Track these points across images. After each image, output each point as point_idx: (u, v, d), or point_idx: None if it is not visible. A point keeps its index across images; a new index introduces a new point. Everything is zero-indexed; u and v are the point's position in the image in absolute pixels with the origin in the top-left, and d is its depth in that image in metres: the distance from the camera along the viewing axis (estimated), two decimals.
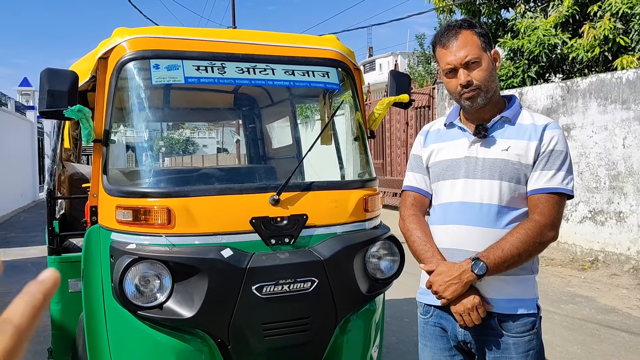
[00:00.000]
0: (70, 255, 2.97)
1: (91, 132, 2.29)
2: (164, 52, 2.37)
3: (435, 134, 2.07)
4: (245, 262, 2.13)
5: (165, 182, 2.56)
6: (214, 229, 2.18)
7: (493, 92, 1.90)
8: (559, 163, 1.85)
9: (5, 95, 17.94)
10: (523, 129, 1.89)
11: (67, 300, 2.92)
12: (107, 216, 2.26)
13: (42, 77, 2.17)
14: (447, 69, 1.89)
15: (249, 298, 2.13)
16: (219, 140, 14.09)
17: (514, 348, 1.84)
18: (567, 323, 5.05)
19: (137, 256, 2.08)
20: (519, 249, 1.77)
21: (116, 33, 2.42)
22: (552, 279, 6.77)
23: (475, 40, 1.86)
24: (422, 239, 1.95)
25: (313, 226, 2.31)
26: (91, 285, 2.33)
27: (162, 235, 2.14)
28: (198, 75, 2.37)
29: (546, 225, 1.80)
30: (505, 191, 1.85)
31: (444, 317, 1.95)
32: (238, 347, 2.19)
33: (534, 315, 1.88)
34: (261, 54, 2.52)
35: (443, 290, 1.82)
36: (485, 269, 1.76)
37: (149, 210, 2.15)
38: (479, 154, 1.90)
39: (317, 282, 2.22)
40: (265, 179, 3.25)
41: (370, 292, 2.39)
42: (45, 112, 2.18)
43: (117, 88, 2.34)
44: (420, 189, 2.07)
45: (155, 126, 3.39)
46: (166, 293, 2.10)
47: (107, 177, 2.31)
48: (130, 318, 2.16)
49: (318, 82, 2.58)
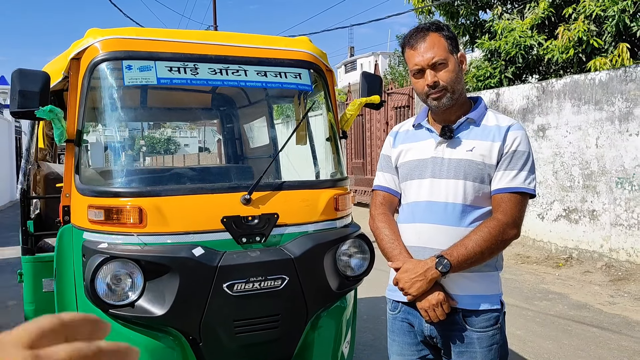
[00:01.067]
0: (44, 255, 2.97)
1: (63, 132, 2.30)
2: (136, 53, 2.39)
3: (404, 134, 2.13)
4: (217, 260, 2.17)
5: (137, 182, 2.58)
6: (185, 228, 2.21)
7: (459, 94, 1.95)
8: (522, 163, 1.90)
9: None
10: (487, 130, 1.94)
11: (42, 300, 2.92)
12: (80, 216, 2.27)
13: (14, 77, 2.18)
14: (414, 70, 1.95)
15: (220, 296, 2.17)
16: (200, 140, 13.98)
17: (477, 342, 1.89)
18: (540, 319, 5.16)
19: (108, 255, 2.10)
20: (482, 246, 1.82)
21: (89, 34, 2.43)
22: (527, 276, 6.89)
23: (442, 43, 1.92)
24: (390, 237, 2.01)
25: (284, 225, 2.35)
26: (64, 285, 2.34)
27: (134, 234, 2.16)
28: (170, 76, 2.39)
29: (508, 223, 1.86)
30: (469, 191, 1.91)
31: (411, 313, 2.00)
32: (210, 344, 2.22)
33: (498, 310, 1.93)
34: (234, 55, 2.55)
35: (409, 287, 1.87)
36: (449, 266, 1.82)
37: (120, 210, 2.17)
38: (444, 155, 1.95)
39: (288, 280, 2.26)
40: (238, 179, 3.28)
41: (341, 289, 2.43)
42: (16, 112, 2.19)
43: (90, 88, 2.36)
44: (389, 188, 2.13)
45: (129, 126, 3.40)
46: (138, 291, 2.13)
47: (80, 176, 2.32)
48: (103, 317, 2.17)
49: (290, 83, 2.62)
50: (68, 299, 2.32)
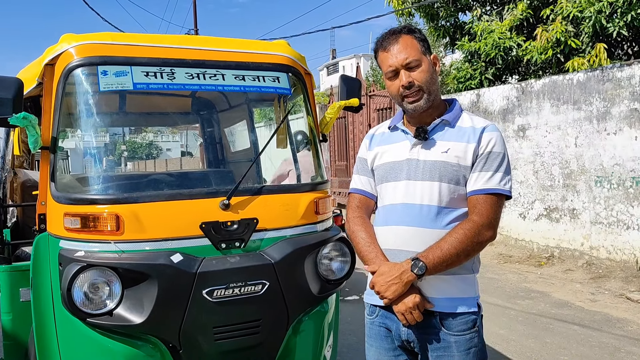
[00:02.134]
0: (21, 264, 2.92)
1: (38, 140, 2.27)
2: (112, 59, 2.36)
3: (380, 137, 2.12)
4: (195, 266, 2.15)
5: (114, 189, 2.55)
6: (163, 234, 2.19)
7: (435, 95, 1.95)
8: (497, 164, 1.90)
9: None
10: (462, 132, 1.94)
11: (19, 310, 2.86)
12: (56, 224, 2.24)
13: None
14: (389, 72, 1.94)
15: (200, 302, 2.15)
16: (182, 144, 13.89)
17: (455, 346, 1.88)
18: (523, 318, 5.20)
19: (85, 263, 2.07)
20: (457, 248, 1.81)
21: (63, 39, 2.40)
22: (509, 275, 6.95)
23: (415, 44, 1.92)
24: (366, 240, 1.99)
25: (264, 230, 2.34)
26: (40, 294, 2.30)
27: (111, 241, 2.14)
28: (147, 81, 2.37)
29: (484, 225, 1.85)
30: (444, 192, 1.90)
31: (389, 317, 1.99)
32: (190, 351, 2.20)
33: (475, 313, 1.93)
34: (211, 59, 2.54)
35: (385, 290, 1.86)
36: (424, 268, 1.80)
37: (97, 217, 2.15)
38: (420, 156, 1.95)
39: (268, 285, 2.25)
40: (217, 184, 3.26)
41: (322, 293, 2.43)
42: None
43: (65, 95, 2.32)
44: (365, 191, 2.11)
45: (105, 132, 3.36)
46: (116, 300, 2.10)
47: (55, 184, 2.29)
48: (81, 326, 2.15)
49: (269, 87, 2.61)
50: (45, 309, 2.29)
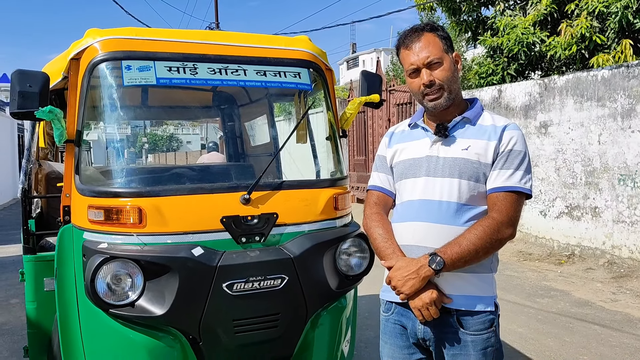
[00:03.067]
0: (46, 254, 2.98)
1: (63, 133, 2.31)
2: (136, 53, 2.39)
3: (400, 134, 2.12)
4: (216, 260, 2.17)
5: (137, 182, 2.58)
6: (185, 228, 2.21)
7: (456, 93, 1.95)
8: (517, 163, 1.89)
9: None
10: (483, 130, 1.94)
11: (43, 299, 2.93)
12: (80, 216, 2.28)
13: (13, 78, 2.19)
14: (410, 70, 1.95)
15: (220, 295, 2.17)
16: (203, 137, 13.98)
17: (472, 345, 1.87)
18: (542, 316, 5.16)
19: (108, 255, 2.11)
20: (476, 245, 1.80)
21: (88, 34, 2.43)
22: (529, 273, 6.89)
23: (437, 42, 1.92)
24: (383, 236, 2.00)
25: (283, 224, 2.36)
26: (64, 284, 2.35)
27: (134, 234, 2.17)
28: (170, 76, 2.40)
29: (503, 222, 1.84)
30: (464, 189, 1.89)
31: (405, 315, 1.99)
32: (209, 343, 2.22)
33: (492, 313, 1.92)
34: (233, 55, 2.55)
35: (401, 285, 1.85)
36: (442, 264, 1.80)
37: (120, 210, 2.18)
38: (439, 153, 1.94)
39: (287, 279, 2.27)
40: (238, 178, 3.28)
41: (340, 288, 2.44)
42: (16, 113, 2.20)
43: (89, 89, 2.36)
44: (383, 188, 2.12)
45: (128, 126, 3.40)
46: (138, 291, 2.13)
47: (80, 177, 2.33)
48: (103, 316, 2.18)
49: (289, 82, 2.62)
50: (69, 299, 2.33)
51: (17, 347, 4.67)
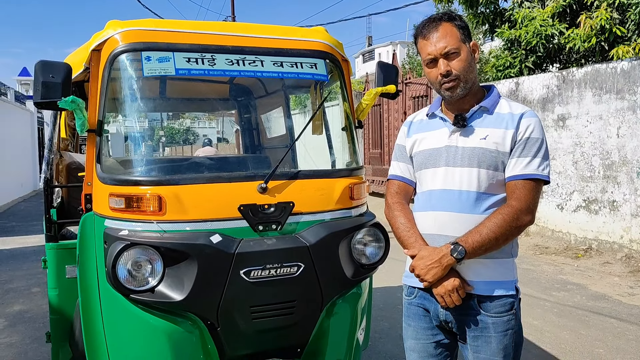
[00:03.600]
0: (67, 242, 3.04)
1: (85, 123, 2.36)
2: (155, 44, 2.43)
3: (418, 124, 2.15)
4: (234, 247, 2.21)
5: (157, 171, 2.63)
6: (203, 215, 2.25)
7: (472, 83, 1.97)
8: (535, 150, 1.91)
9: (4, 85, 17.97)
10: (501, 118, 1.96)
11: (65, 286, 3.00)
12: (101, 204, 2.33)
13: (36, 69, 2.24)
14: (427, 59, 1.98)
15: (237, 282, 2.21)
16: (219, 130, 14.08)
17: (492, 327, 1.92)
18: (558, 310, 5.14)
19: (129, 242, 2.15)
20: (496, 233, 1.85)
21: (109, 25, 2.47)
22: (545, 267, 6.86)
23: (455, 32, 1.94)
24: (405, 225, 2.05)
25: (299, 213, 2.39)
26: (86, 271, 2.41)
27: (154, 221, 2.21)
28: (189, 67, 2.43)
29: (522, 210, 1.88)
30: (483, 178, 1.93)
31: (427, 298, 2.04)
32: (227, 329, 2.27)
33: (513, 296, 1.96)
34: (251, 46, 2.58)
35: (425, 273, 1.91)
36: (464, 252, 1.85)
37: (140, 198, 2.22)
38: (458, 143, 1.98)
39: (303, 267, 2.30)
40: (255, 168, 3.32)
41: (356, 276, 2.46)
42: (39, 103, 2.25)
43: (110, 79, 2.40)
44: (404, 177, 2.16)
45: (148, 116, 3.45)
46: (157, 277, 2.18)
47: (101, 166, 2.38)
48: (124, 302, 2.24)
49: (306, 73, 2.65)
50: (90, 285, 2.39)
51: (38, 334, 4.77)
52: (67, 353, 3.11)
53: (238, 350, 2.34)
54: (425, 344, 2.08)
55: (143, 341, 2.27)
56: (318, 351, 2.49)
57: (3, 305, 5.67)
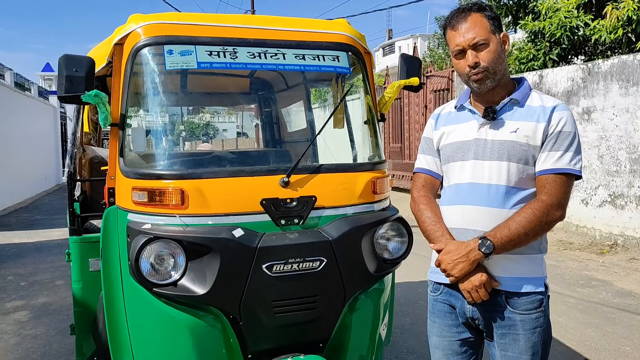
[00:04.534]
0: (91, 236, 3.07)
1: (108, 117, 2.36)
2: (177, 38, 2.42)
3: (446, 116, 2.12)
4: (256, 241, 2.20)
5: (179, 165, 2.63)
6: (225, 209, 2.24)
7: (502, 74, 1.93)
8: (567, 144, 1.87)
9: (28, 81, 18.23)
10: (532, 111, 1.92)
11: (88, 279, 3.03)
12: (124, 197, 2.33)
13: (61, 63, 2.24)
14: (456, 51, 1.94)
15: (260, 276, 2.20)
16: (238, 125, 14.12)
17: (521, 325, 1.88)
18: (583, 306, 5.05)
19: (152, 236, 2.15)
20: (526, 228, 1.80)
21: (131, 19, 2.47)
22: (569, 262, 6.75)
23: (484, 23, 1.90)
24: (432, 219, 2.01)
25: (322, 207, 2.36)
26: (109, 264, 2.42)
27: (176, 215, 2.21)
28: (210, 61, 2.42)
29: (553, 205, 1.83)
30: (513, 172, 1.89)
31: (453, 295, 2.01)
32: (249, 323, 2.26)
33: (542, 293, 1.92)
34: (272, 39, 2.56)
35: (451, 268, 1.88)
36: (492, 247, 1.81)
37: (163, 192, 2.22)
38: (488, 136, 1.94)
39: (326, 262, 2.28)
40: (277, 162, 3.31)
41: (378, 272, 2.44)
42: (63, 96, 2.26)
43: (133, 73, 2.40)
44: (431, 170, 2.13)
45: (170, 110, 3.45)
46: (180, 271, 2.18)
47: (124, 159, 2.38)
48: (147, 295, 2.24)
49: (328, 66, 2.62)
50: (113, 278, 2.40)
51: (62, 326, 4.84)
52: (91, 345, 3.14)
53: (260, 345, 2.33)
54: (450, 342, 2.05)
55: (165, 334, 2.27)
56: (340, 346, 2.47)
57: (28, 298, 5.76)
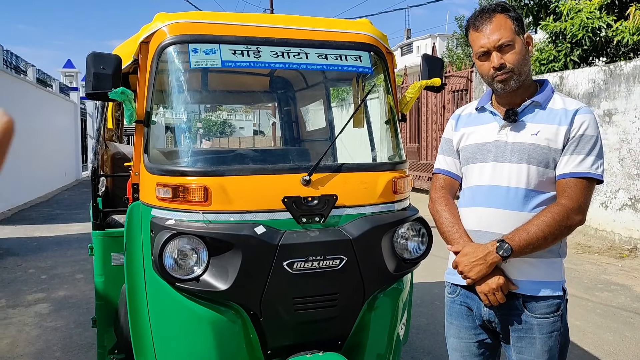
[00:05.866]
0: (113, 230, 3.12)
1: (133, 114, 2.40)
2: (202, 37, 2.45)
3: (467, 117, 2.11)
4: (277, 239, 2.22)
5: (203, 162, 2.66)
6: (248, 206, 2.27)
7: (525, 76, 1.92)
8: (589, 148, 1.85)
9: (49, 77, 18.47)
10: (554, 114, 1.90)
11: (110, 273, 3.08)
12: (148, 193, 2.37)
13: (89, 60, 2.29)
14: (480, 52, 1.93)
15: (280, 273, 2.22)
16: (255, 123, 14.20)
17: (537, 328, 1.88)
18: (601, 310, 5.01)
19: (175, 231, 2.18)
20: (545, 232, 1.79)
21: (157, 18, 2.51)
22: (588, 266, 6.68)
23: (509, 24, 1.89)
24: (450, 220, 2.01)
25: (343, 206, 2.38)
26: (133, 259, 2.46)
27: (199, 211, 2.24)
28: (234, 59, 2.45)
29: (573, 209, 1.82)
30: (533, 175, 1.88)
31: (470, 297, 2.01)
32: (270, 319, 2.28)
33: (560, 297, 1.91)
34: (295, 38, 2.58)
35: (468, 270, 1.87)
36: (510, 250, 1.81)
37: (187, 188, 2.26)
38: (508, 138, 1.93)
39: (346, 260, 2.29)
40: (298, 160, 3.33)
41: (398, 271, 2.45)
42: (91, 93, 2.30)
43: (158, 71, 2.44)
44: (450, 172, 2.13)
45: (194, 108, 3.49)
46: (202, 266, 2.21)
47: (148, 156, 2.42)
48: (169, 290, 2.28)
49: (350, 65, 2.63)
50: (137, 272, 2.44)
51: (82, 319, 4.92)
52: (112, 338, 3.20)
53: (280, 341, 2.35)
54: (467, 343, 2.05)
55: (187, 328, 2.31)
56: (359, 345, 2.49)
57: (49, 291, 5.86)
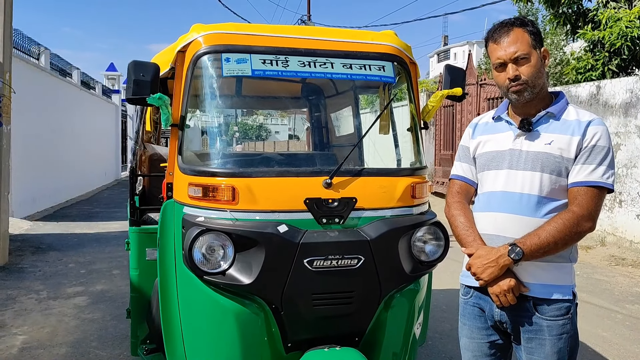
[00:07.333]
0: (148, 227, 3.31)
1: (169, 118, 2.58)
2: (234, 47, 2.62)
3: (484, 126, 2.21)
4: (299, 237, 2.36)
5: (232, 164, 2.83)
6: (272, 206, 2.42)
7: (540, 88, 2.01)
8: (601, 158, 1.93)
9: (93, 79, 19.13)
10: (567, 124, 1.99)
11: (145, 267, 3.28)
12: (181, 192, 2.54)
13: (130, 68, 2.48)
14: (497, 63, 2.03)
15: (301, 270, 2.36)
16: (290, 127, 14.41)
17: (547, 330, 1.95)
18: (630, 323, 4.96)
19: (204, 228, 2.34)
20: (555, 237, 1.88)
21: (193, 29, 2.69)
22: (620, 278, 6.59)
23: (526, 38, 1.98)
24: (464, 224, 2.11)
25: (362, 209, 2.50)
26: (165, 253, 2.63)
27: (227, 210, 2.40)
28: (264, 68, 2.61)
29: (583, 216, 1.90)
30: (545, 183, 1.96)
31: (482, 298, 2.10)
32: (290, 313, 2.42)
33: (569, 301, 1.98)
34: (322, 49, 2.72)
35: (481, 272, 1.97)
36: (521, 254, 1.90)
37: (216, 188, 2.42)
38: (522, 147, 2.02)
39: (363, 260, 2.41)
40: (322, 164, 3.46)
41: (414, 272, 2.54)
42: (131, 99, 2.50)
43: (193, 78, 2.62)
44: (466, 178, 2.23)
45: (226, 113, 3.66)
46: (229, 261, 2.36)
47: (182, 157, 2.59)
48: (198, 282, 2.44)
49: (374, 75, 2.75)
50: (168, 266, 2.61)
51: (118, 312, 5.15)
52: (144, 329, 3.38)
53: (299, 334, 2.48)
54: (479, 344, 2.14)
55: (213, 319, 2.46)
56: (375, 342, 2.59)
57: (87, 284, 6.14)
